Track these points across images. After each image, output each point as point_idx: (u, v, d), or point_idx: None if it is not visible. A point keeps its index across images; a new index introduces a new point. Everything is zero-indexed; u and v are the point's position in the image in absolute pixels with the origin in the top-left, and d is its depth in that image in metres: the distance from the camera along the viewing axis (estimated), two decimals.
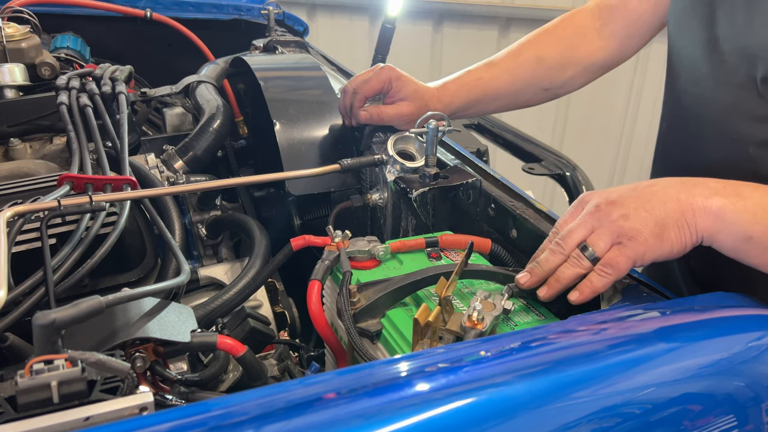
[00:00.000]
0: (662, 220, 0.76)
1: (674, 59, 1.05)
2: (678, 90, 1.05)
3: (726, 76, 0.93)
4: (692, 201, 0.76)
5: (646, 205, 0.77)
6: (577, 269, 0.78)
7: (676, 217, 0.75)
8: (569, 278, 0.79)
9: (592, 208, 0.79)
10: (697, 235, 0.76)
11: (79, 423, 0.54)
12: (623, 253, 0.76)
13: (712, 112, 0.97)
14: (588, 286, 0.78)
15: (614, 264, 0.76)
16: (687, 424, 0.63)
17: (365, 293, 0.85)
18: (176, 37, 1.91)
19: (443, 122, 1.10)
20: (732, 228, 0.75)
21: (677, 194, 0.77)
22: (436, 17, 3.98)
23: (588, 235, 0.78)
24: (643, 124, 3.90)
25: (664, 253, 0.76)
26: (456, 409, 0.55)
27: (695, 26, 0.98)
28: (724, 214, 0.75)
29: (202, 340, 0.77)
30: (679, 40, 1.03)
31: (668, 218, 0.76)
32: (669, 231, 0.75)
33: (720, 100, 0.95)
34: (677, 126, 1.09)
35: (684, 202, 0.76)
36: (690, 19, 1.00)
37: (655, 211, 0.76)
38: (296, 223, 1.33)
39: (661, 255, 0.77)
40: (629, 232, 0.76)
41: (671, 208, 0.76)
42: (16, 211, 0.80)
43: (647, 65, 3.72)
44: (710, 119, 0.98)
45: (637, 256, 0.76)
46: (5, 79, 1.31)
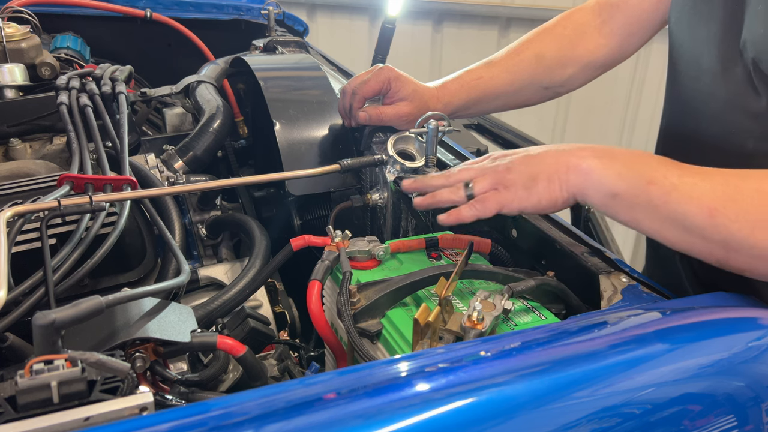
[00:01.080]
0: (535, 175, 0.85)
1: (675, 55, 1.05)
2: (679, 86, 1.05)
3: (724, 71, 0.93)
4: (567, 160, 0.83)
5: (527, 161, 0.87)
6: (452, 196, 0.90)
7: (549, 173, 0.84)
8: (443, 199, 0.91)
9: (489, 159, 0.92)
10: (568, 190, 0.83)
11: (79, 423, 0.54)
12: (495, 197, 0.87)
13: (711, 108, 0.98)
14: (456, 213, 0.89)
15: (484, 202, 0.88)
16: (687, 424, 0.63)
17: (365, 293, 0.85)
18: (176, 37, 1.91)
19: (443, 122, 1.10)
20: (599, 185, 0.81)
21: (556, 154, 0.85)
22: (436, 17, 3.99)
23: (475, 176, 0.90)
24: (643, 124, 3.90)
25: (531, 203, 0.85)
26: (456, 409, 0.55)
27: (696, 21, 0.98)
28: (592, 171, 0.81)
29: (202, 340, 0.77)
30: (680, 36, 1.03)
31: (541, 173, 0.84)
32: (538, 184, 0.84)
33: (719, 95, 0.95)
34: (677, 122, 1.09)
35: (561, 160, 0.84)
36: (691, 13, 1.00)
37: (533, 168, 0.86)
38: (296, 223, 1.33)
39: (528, 206, 0.86)
40: (505, 181, 0.87)
41: (547, 164, 0.85)
42: (16, 211, 0.80)
43: (647, 65, 3.72)
44: (709, 114, 0.98)
45: (505, 202, 0.87)
46: (5, 79, 1.31)
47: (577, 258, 0.92)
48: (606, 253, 0.93)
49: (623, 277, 0.87)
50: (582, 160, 0.82)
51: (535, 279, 0.86)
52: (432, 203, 0.93)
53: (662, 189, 0.77)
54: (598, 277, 0.87)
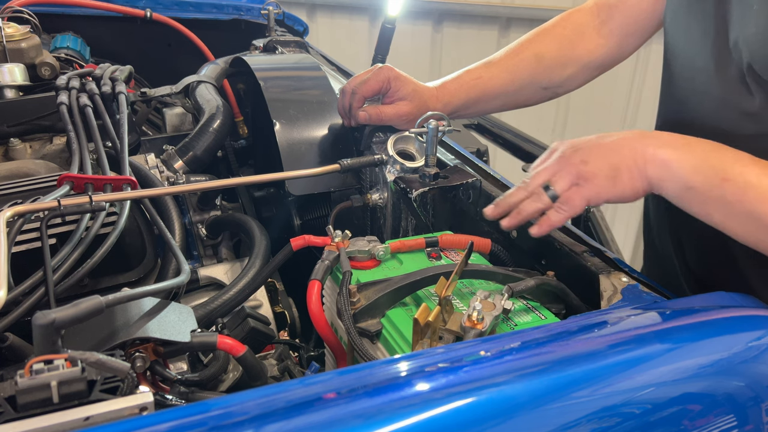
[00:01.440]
0: (616, 165, 0.84)
1: (669, 55, 1.06)
2: (673, 85, 1.05)
3: (718, 70, 0.93)
4: (644, 150, 0.83)
5: (604, 151, 0.85)
6: (537, 204, 0.88)
7: (629, 163, 0.83)
8: (529, 211, 0.88)
9: (558, 154, 0.88)
10: (647, 180, 0.83)
11: (79, 423, 0.54)
12: (579, 192, 0.85)
13: (705, 107, 0.98)
14: (546, 221, 0.87)
15: (570, 201, 0.85)
16: (687, 424, 0.63)
17: (365, 293, 0.85)
18: (176, 37, 1.91)
19: (443, 122, 1.10)
20: (675, 177, 0.81)
21: (632, 143, 0.84)
22: (436, 17, 3.99)
23: (551, 177, 0.87)
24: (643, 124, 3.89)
25: (617, 194, 0.84)
26: (456, 409, 0.55)
27: (690, 21, 0.98)
28: (670, 163, 0.81)
29: (202, 340, 0.77)
30: (675, 36, 1.03)
31: (621, 164, 0.83)
32: (622, 175, 0.83)
33: (713, 94, 0.95)
34: (672, 121, 1.09)
35: (637, 150, 0.83)
36: (685, 14, 1.00)
37: (611, 157, 0.84)
38: (296, 223, 1.33)
39: (613, 196, 0.85)
40: (586, 174, 0.85)
41: (625, 155, 0.83)
42: (16, 211, 0.80)
43: (647, 65, 3.72)
44: (703, 114, 0.98)
45: (591, 195, 0.85)
46: (5, 79, 1.31)
47: (577, 258, 0.92)
48: (606, 253, 0.93)
49: (623, 276, 0.87)
50: (659, 149, 0.82)
51: (535, 279, 0.86)
52: (521, 220, 0.90)
53: (737, 186, 0.77)
54: (598, 277, 0.87)
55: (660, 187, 0.83)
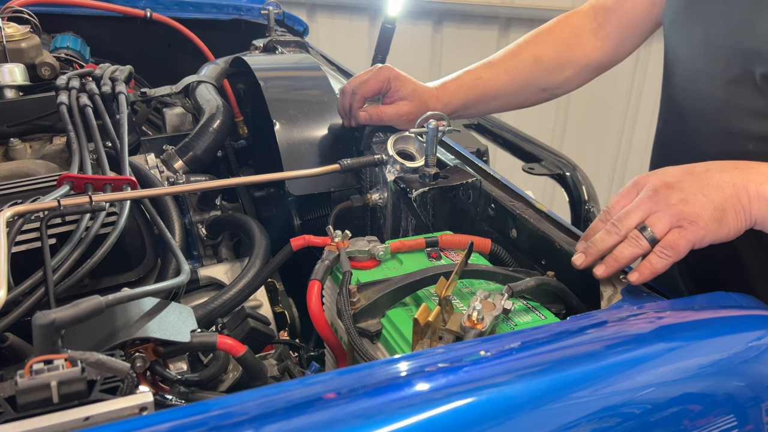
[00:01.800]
0: (721, 205, 0.77)
1: (670, 57, 1.06)
2: (675, 87, 1.05)
3: (722, 72, 0.93)
4: (747, 186, 0.78)
5: (704, 190, 0.78)
6: (635, 249, 0.79)
7: (734, 203, 0.77)
8: (628, 258, 0.80)
9: (650, 191, 0.80)
10: (751, 219, 0.78)
11: (78, 423, 0.54)
12: (684, 236, 0.77)
13: (708, 108, 0.98)
14: (648, 267, 0.79)
15: (675, 246, 0.77)
16: (687, 424, 0.63)
17: (365, 293, 0.85)
18: (176, 37, 1.91)
19: (443, 122, 1.10)
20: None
21: (732, 179, 0.78)
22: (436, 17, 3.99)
23: (645, 217, 0.80)
24: (643, 124, 3.90)
25: (722, 236, 0.78)
26: (456, 409, 0.55)
27: (691, 23, 0.99)
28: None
29: (202, 340, 0.77)
30: (675, 38, 1.03)
31: (726, 203, 0.77)
32: (727, 215, 0.77)
33: (716, 95, 0.95)
34: (674, 122, 1.09)
35: (740, 187, 0.78)
36: (685, 16, 1.00)
37: (713, 196, 0.78)
38: (296, 223, 1.33)
39: (719, 238, 0.79)
40: (690, 216, 0.77)
41: (729, 194, 0.78)
42: (16, 211, 0.80)
43: (647, 65, 3.72)
44: (707, 115, 0.98)
45: (697, 239, 0.77)
46: (5, 79, 1.31)
47: None
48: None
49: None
50: (762, 186, 0.78)
51: (535, 279, 0.86)
52: (618, 268, 0.81)
53: None
54: None
55: (765, 224, 0.79)
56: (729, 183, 0.78)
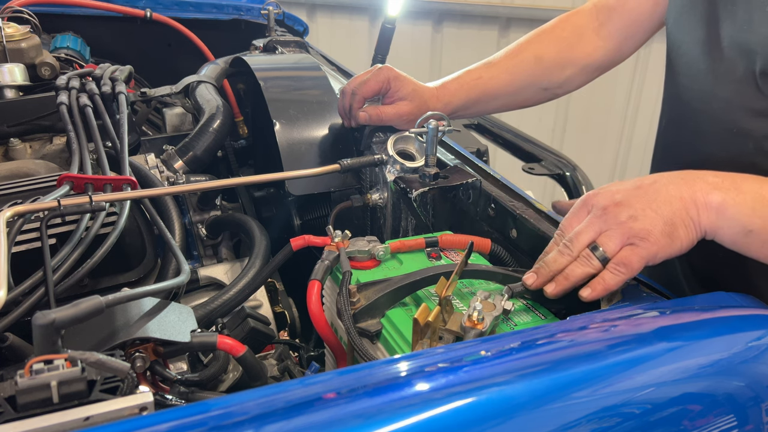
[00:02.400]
0: (670, 220, 0.77)
1: (673, 56, 1.06)
2: (678, 86, 1.05)
3: (725, 71, 0.93)
4: (695, 197, 0.77)
5: (653, 205, 0.78)
6: (586, 268, 0.79)
7: (682, 216, 0.77)
8: (579, 276, 0.79)
9: (599, 210, 0.80)
10: (701, 229, 0.78)
11: (78, 423, 0.54)
12: (636, 252, 0.77)
13: (711, 108, 0.98)
14: (601, 283, 0.78)
15: (628, 263, 0.77)
16: (687, 424, 0.63)
17: (365, 293, 0.85)
18: (176, 37, 1.91)
19: (443, 122, 1.10)
20: (732, 222, 0.76)
21: (680, 192, 0.78)
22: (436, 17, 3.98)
23: (596, 236, 0.79)
24: (643, 124, 3.90)
25: (674, 250, 0.78)
26: (456, 409, 0.55)
27: (695, 23, 0.98)
28: (725, 209, 0.76)
29: (202, 340, 0.77)
30: (679, 37, 1.03)
31: (675, 217, 0.77)
32: (678, 229, 0.77)
33: (719, 95, 0.95)
34: (677, 122, 1.09)
35: (687, 199, 0.77)
36: (689, 16, 1.00)
37: (662, 211, 0.77)
38: (296, 223, 1.33)
39: (671, 253, 0.78)
40: (640, 233, 0.77)
41: (677, 207, 0.77)
42: (16, 211, 0.80)
43: (647, 65, 3.72)
44: (710, 115, 0.98)
45: (650, 256, 0.77)
46: (5, 79, 1.31)
47: None
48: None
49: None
50: (708, 196, 0.77)
51: None
52: (568, 287, 0.80)
53: None
54: None
55: (715, 234, 0.78)
56: (677, 196, 0.78)
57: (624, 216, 0.78)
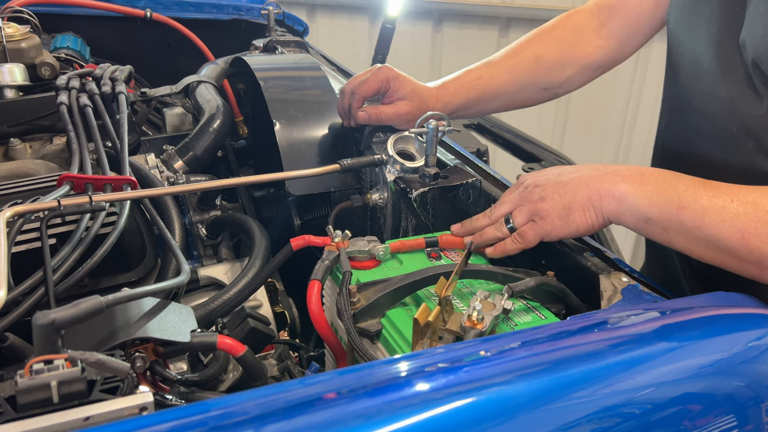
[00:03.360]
0: (569, 204, 0.88)
1: (674, 56, 1.06)
2: (678, 86, 1.05)
3: (725, 71, 0.93)
4: (599, 187, 0.86)
5: (561, 191, 0.89)
6: (496, 233, 0.95)
7: (583, 202, 0.87)
8: (489, 237, 0.96)
9: (523, 188, 0.94)
10: (603, 216, 0.87)
11: (78, 423, 0.54)
12: (533, 228, 0.91)
13: (711, 108, 0.98)
14: (501, 246, 0.94)
15: (524, 235, 0.91)
16: (687, 424, 0.63)
17: (365, 293, 0.85)
18: (176, 37, 1.91)
19: (443, 122, 1.10)
20: (632, 211, 0.84)
21: (588, 181, 0.88)
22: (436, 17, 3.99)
23: (513, 209, 0.94)
24: (643, 124, 3.90)
25: (570, 232, 0.89)
26: (456, 409, 0.55)
27: (695, 22, 0.99)
28: (626, 198, 0.84)
29: (202, 340, 0.77)
30: (680, 37, 1.03)
31: (575, 203, 0.87)
32: (574, 214, 0.87)
33: (719, 95, 0.95)
34: (677, 122, 1.09)
35: (592, 188, 0.87)
36: (690, 15, 1.00)
37: (566, 197, 0.88)
38: (296, 223, 1.33)
39: (566, 234, 0.90)
40: (541, 212, 0.90)
41: (580, 194, 0.87)
42: (16, 211, 0.80)
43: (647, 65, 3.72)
44: (710, 115, 0.99)
45: (544, 233, 0.90)
46: (5, 79, 1.31)
47: (577, 258, 0.92)
48: (606, 253, 0.93)
49: (623, 276, 0.87)
50: (614, 186, 0.85)
51: (535, 279, 0.86)
52: (480, 242, 0.97)
53: (694, 213, 0.78)
54: (598, 277, 0.87)
55: (619, 219, 0.86)
56: (583, 184, 0.87)
57: (536, 196, 0.91)
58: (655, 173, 0.85)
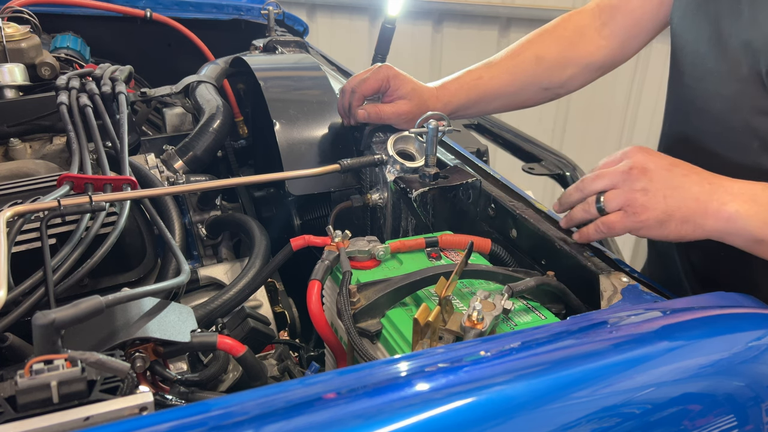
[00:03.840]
0: (671, 212, 0.82)
1: (678, 55, 1.05)
2: (682, 85, 1.05)
3: (730, 70, 0.93)
4: (708, 205, 0.81)
5: (667, 191, 0.82)
6: (585, 215, 0.90)
7: (685, 213, 0.81)
8: (577, 220, 0.91)
9: (626, 167, 0.85)
10: (702, 232, 0.82)
11: (78, 423, 0.54)
12: (623, 221, 0.84)
13: (716, 107, 0.98)
14: (585, 233, 0.90)
15: (611, 225, 0.86)
16: (687, 424, 0.63)
17: (365, 293, 0.85)
18: (176, 37, 1.91)
19: (443, 122, 1.10)
20: (742, 232, 0.80)
21: (698, 194, 0.82)
22: (436, 17, 3.98)
23: (609, 187, 0.86)
24: (643, 124, 3.89)
25: (660, 236, 0.84)
26: (456, 409, 0.55)
27: (700, 22, 0.98)
28: (737, 219, 0.80)
29: (202, 340, 0.77)
30: (684, 37, 1.03)
31: (677, 213, 0.82)
32: (670, 223, 0.82)
33: (724, 94, 0.95)
34: (681, 121, 1.09)
35: (701, 203, 0.81)
36: (695, 14, 1.00)
37: (671, 201, 0.82)
38: (296, 223, 1.33)
39: (656, 236, 0.84)
40: (638, 207, 0.83)
41: (686, 206, 0.82)
42: (16, 211, 0.80)
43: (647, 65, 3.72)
44: (715, 114, 0.98)
45: (633, 229, 0.84)
46: (5, 79, 1.31)
47: (577, 258, 0.92)
48: (606, 253, 0.93)
49: (623, 277, 0.87)
50: (724, 206, 0.81)
51: (535, 279, 0.86)
52: (570, 225, 0.94)
53: None
54: (598, 277, 0.87)
55: (723, 239, 0.82)
56: (693, 196, 0.82)
57: (639, 185, 0.83)
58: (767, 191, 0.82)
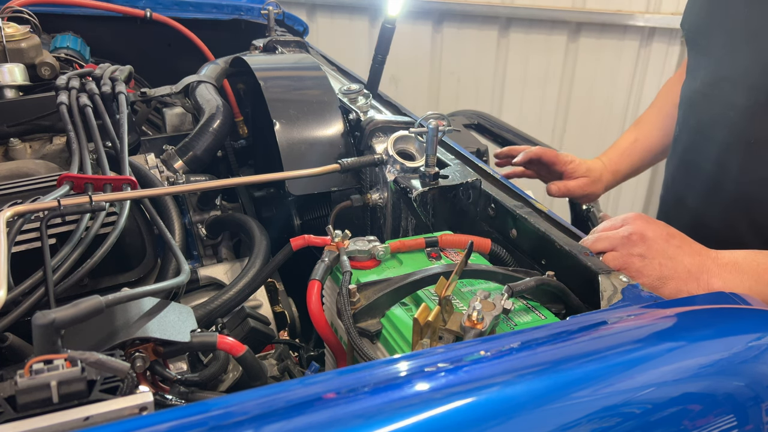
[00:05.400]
0: (665, 279, 0.86)
1: (692, 64, 1.07)
2: (696, 93, 1.06)
3: (743, 78, 0.94)
4: (699, 277, 0.86)
5: (663, 260, 0.87)
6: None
7: (678, 283, 0.86)
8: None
9: (627, 232, 0.90)
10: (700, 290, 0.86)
11: (78, 423, 0.54)
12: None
13: (728, 116, 0.99)
14: None
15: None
16: (687, 424, 0.63)
17: (365, 293, 0.85)
18: (176, 37, 1.91)
19: (443, 122, 1.10)
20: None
21: (690, 267, 0.87)
22: (436, 17, 3.98)
23: (609, 249, 0.90)
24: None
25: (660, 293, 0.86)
26: (456, 409, 0.55)
27: (715, 31, 0.99)
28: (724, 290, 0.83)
29: (202, 340, 0.77)
30: (697, 46, 1.04)
31: (670, 280, 0.86)
32: (666, 287, 0.86)
33: (737, 102, 0.96)
34: (692, 131, 1.10)
35: (692, 275, 0.86)
36: (709, 24, 1.01)
37: (665, 270, 0.86)
38: (296, 223, 1.33)
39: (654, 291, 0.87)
40: (634, 269, 0.87)
41: (678, 276, 0.86)
42: (16, 211, 0.80)
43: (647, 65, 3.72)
44: (726, 123, 0.99)
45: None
46: (5, 79, 1.31)
47: (577, 258, 0.92)
48: None
49: (623, 276, 0.87)
50: (715, 279, 0.85)
51: (535, 279, 0.86)
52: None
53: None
54: (598, 277, 0.87)
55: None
56: (685, 268, 0.86)
57: (637, 250, 0.87)
58: (748, 258, 0.87)
